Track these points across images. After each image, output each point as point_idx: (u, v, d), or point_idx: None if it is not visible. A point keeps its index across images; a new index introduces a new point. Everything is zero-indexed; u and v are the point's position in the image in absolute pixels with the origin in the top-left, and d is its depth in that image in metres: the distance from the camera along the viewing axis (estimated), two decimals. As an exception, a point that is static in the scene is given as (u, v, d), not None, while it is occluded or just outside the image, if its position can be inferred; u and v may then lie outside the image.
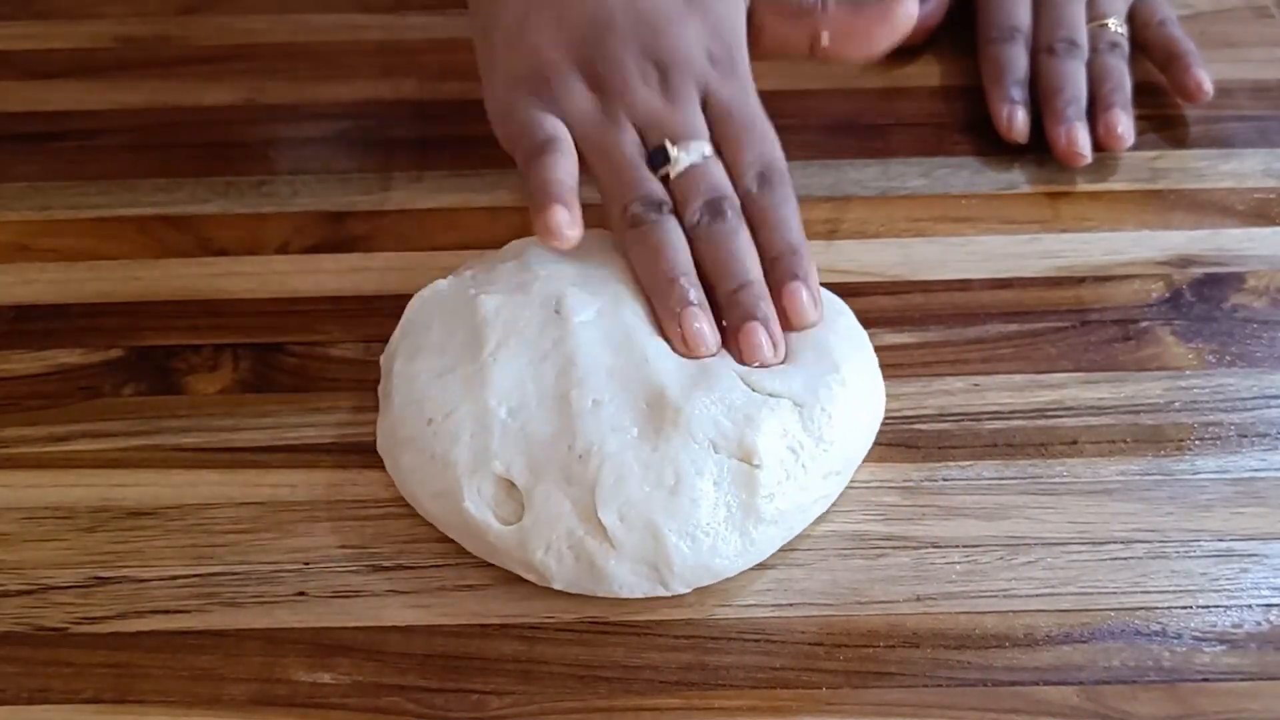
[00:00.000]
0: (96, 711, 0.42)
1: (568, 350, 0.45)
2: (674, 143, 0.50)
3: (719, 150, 0.50)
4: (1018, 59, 0.62)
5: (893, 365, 0.50)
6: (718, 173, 0.50)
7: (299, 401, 0.50)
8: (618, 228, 0.49)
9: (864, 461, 0.47)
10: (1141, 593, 0.44)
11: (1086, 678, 0.42)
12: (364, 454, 0.48)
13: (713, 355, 0.46)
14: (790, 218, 0.49)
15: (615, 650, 0.43)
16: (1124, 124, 0.59)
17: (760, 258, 0.48)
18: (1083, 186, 0.59)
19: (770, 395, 0.45)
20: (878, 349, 0.50)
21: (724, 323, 0.47)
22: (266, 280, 0.55)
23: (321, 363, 0.52)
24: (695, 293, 0.47)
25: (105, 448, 0.49)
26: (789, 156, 0.60)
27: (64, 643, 0.43)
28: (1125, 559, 0.45)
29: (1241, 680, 0.42)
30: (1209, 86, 0.60)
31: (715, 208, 0.49)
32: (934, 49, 0.66)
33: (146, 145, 0.61)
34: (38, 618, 0.44)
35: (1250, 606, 0.44)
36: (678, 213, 0.49)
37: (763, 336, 0.46)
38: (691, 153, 0.50)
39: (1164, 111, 0.62)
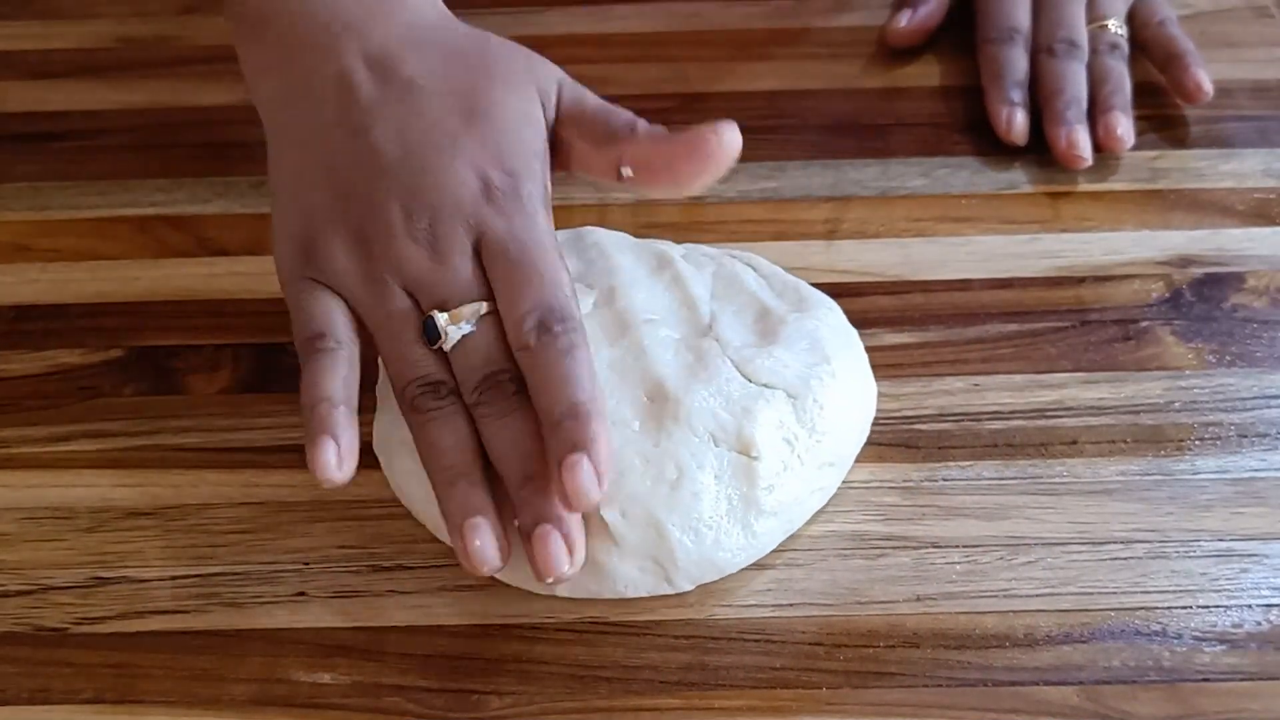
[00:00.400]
0: (97, 712, 0.42)
1: None
2: (443, 309, 0.44)
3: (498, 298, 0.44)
4: (1017, 60, 0.62)
5: (893, 365, 0.50)
6: (492, 340, 0.43)
7: (298, 402, 0.50)
8: (401, 408, 0.44)
9: (864, 461, 0.47)
10: (1141, 593, 0.44)
11: (1086, 678, 0.42)
12: (364, 454, 0.48)
13: (500, 569, 0.42)
14: (577, 371, 0.42)
15: (615, 650, 0.43)
16: (1124, 126, 0.59)
17: (543, 421, 0.42)
18: (1083, 186, 0.59)
19: (765, 386, 0.45)
20: (878, 349, 0.50)
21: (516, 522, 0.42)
22: (266, 280, 0.54)
23: (321, 363, 0.52)
24: (477, 495, 0.42)
25: (105, 448, 0.49)
26: (789, 156, 0.60)
27: (64, 643, 0.43)
28: (1125, 559, 0.45)
29: (1241, 680, 0.42)
30: (1208, 87, 0.60)
31: (492, 384, 0.43)
32: (934, 49, 0.66)
33: (146, 145, 0.62)
34: (38, 618, 0.44)
35: (1250, 606, 0.44)
36: (459, 387, 0.43)
37: (555, 543, 0.40)
38: (463, 324, 0.43)
39: (1164, 111, 0.62)
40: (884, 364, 0.50)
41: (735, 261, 0.50)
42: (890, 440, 0.48)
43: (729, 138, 0.45)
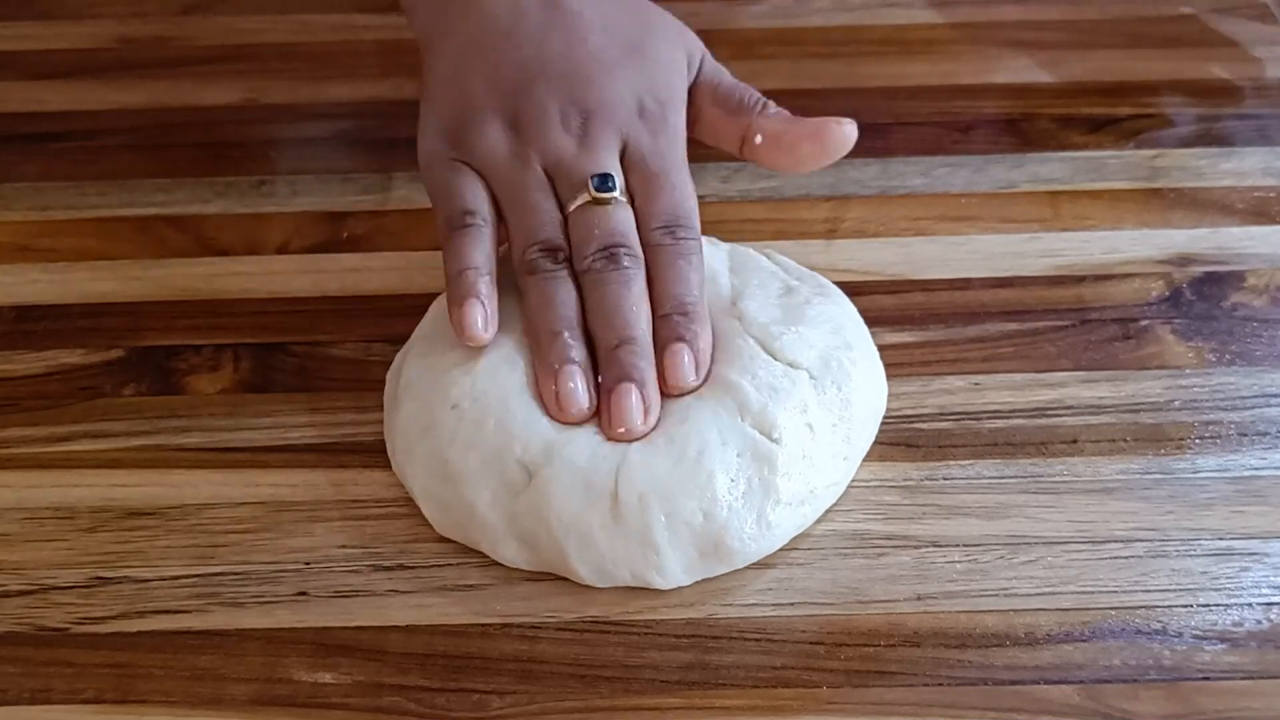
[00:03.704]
0: (98, 712, 0.42)
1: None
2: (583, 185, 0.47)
3: (632, 201, 0.48)
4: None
5: (893, 364, 0.50)
6: (622, 217, 0.47)
7: (299, 401, 0.50)
8: (517, 271, 0.47)
9: (864, 461, 0.47)
10: (1142, 591, 0.44)
11: (1087, 676, 0.42)
12: (365, 454, 0.48)
13: (585, 418, 0.44)
14: (690, 275, 0.46)
15: (616, 650, 0.43)
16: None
17: (653, 313, 0.46)
18: (1083, 185, 0.59)
19: (790, 365, 0.46)
20: (878, 348, 0.50)
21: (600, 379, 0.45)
22: (266, 280, 0.55)
23: (321, 363, 0.52)
24: (577, 349, 0.45)
25: (106, 448, 0.49)
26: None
27: (65, 643, 0.43)
28: (1126, 558, 0.45)
29: (1242, 679, 0.42)
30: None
31: (611, 254, 0.46)
32: (933, 48, 0.66)
33: (146, 145, 0.62)
34: (39, 618, 0.44)
35: (1251, 605, 0.44)
36: (574, 256, 0.47)
37: (634, 399, 0.44)
38: (599, 189, 0.47)
39: (1164, 110, 0.62)
40: (885, 363, 0.50)
41: (749, 249, 0.51)
42: (891, 439, 0.48)
43: (849, 130, 0.50)
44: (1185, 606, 0.44)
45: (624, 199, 0.48)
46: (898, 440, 0.48)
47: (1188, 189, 0.58)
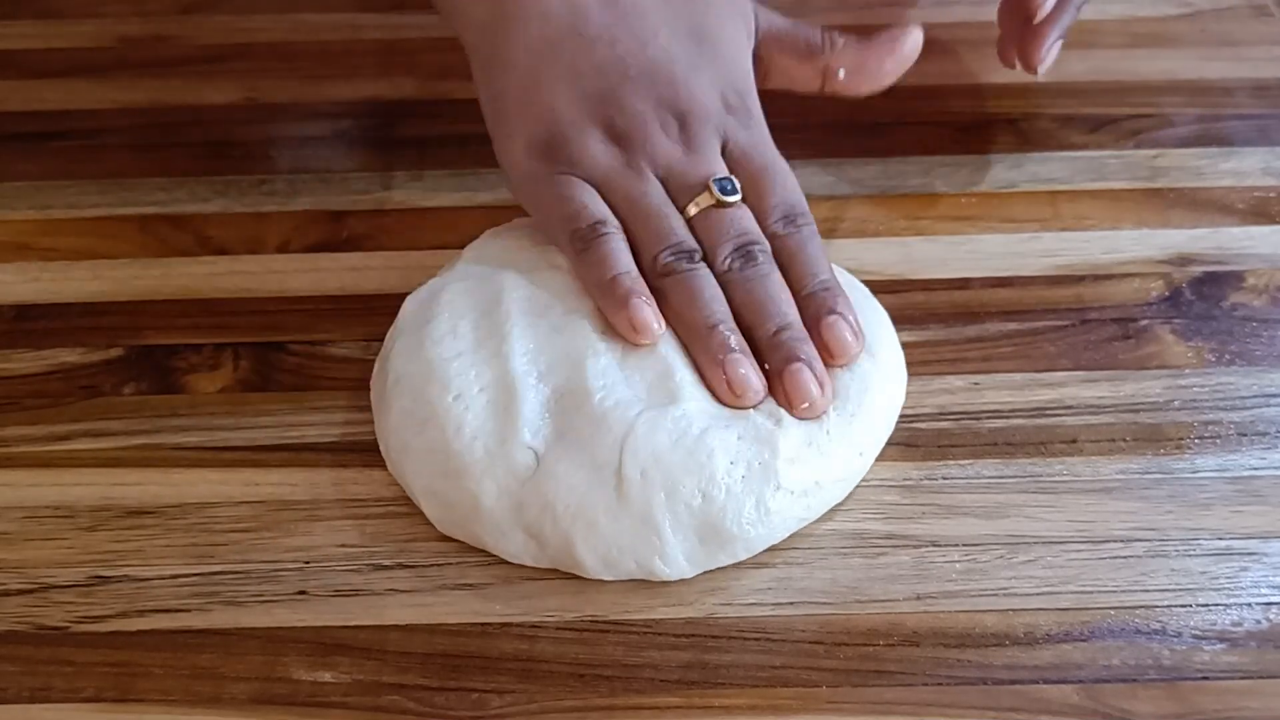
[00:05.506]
0: (97, 710, 0.42)
1: (577, 308, 0.47)
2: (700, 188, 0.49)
3: (743, 197, 0.49)
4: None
5: (892, 364, 0.50)
6: (747, 216, 0.49)
7: (299, 401, 0.50)
8: (649, 276, 0.48)
9: (864, 460, 0.47)
10: (1141, 591, 0.44)
11: (1086, 676, 0.42)
12: (364, 453, 0.48)
13: (758, 401, 0.45)
14: (819, 256, 0.48)
15: (615, 649, 0.43)
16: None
17: (793, 297, 0.47)
18: (1082, 185, 0.59)
19: None
20: (878, 348, 0.50)
21: (765, 366, 0.46)
22: (266, 279, 0.55)
23: (321, 362, 0.52)
24: (736, 338, 0.46)
25: (106, 447, 0.49)
26: (789, 156, 0.60)
27: (65, 641, 0.43)
28: (1125, 557, 0.45)
29: (1241, 678, 0.42)
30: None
31: (746, 252, 0.48)
32: (933, 48, 0.66)
33: (146, 145, 0.62)
34: (39, 616, 0.44)
35: (1250, 605, 0.44)
36: (708, 259, 0.48)
37: (808, 377, 0.45)
38: (723, 192, 0.49)
39: (1163, 110, 0.62)
40: (884, 363, 0.50)
41: None
42: (890, 439, 0.48)
43: (918, 36, 0.54)
44: (1184, 606, 0.44)
45: (740, 198, 0.49)
46: (897, 440, 0.48)
47: (1187, 189, 0.58)
